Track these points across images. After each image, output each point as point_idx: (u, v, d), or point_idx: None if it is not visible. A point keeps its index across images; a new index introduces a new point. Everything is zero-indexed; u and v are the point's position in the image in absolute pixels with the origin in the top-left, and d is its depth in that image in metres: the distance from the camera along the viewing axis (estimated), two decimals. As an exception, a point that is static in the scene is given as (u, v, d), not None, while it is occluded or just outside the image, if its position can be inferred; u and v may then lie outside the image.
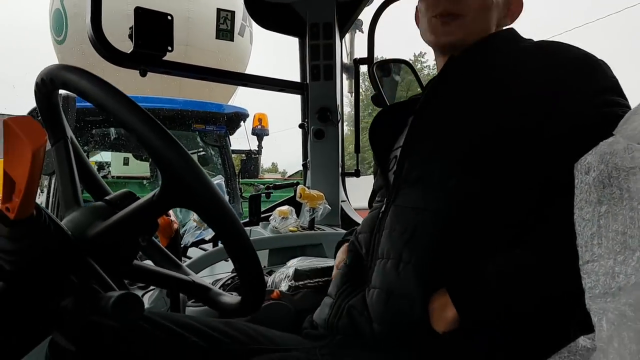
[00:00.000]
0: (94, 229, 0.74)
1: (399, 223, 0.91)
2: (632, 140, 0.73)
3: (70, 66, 0.73)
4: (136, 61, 1.51)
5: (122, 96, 0.67)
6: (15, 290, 0.65)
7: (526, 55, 0.94)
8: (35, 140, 0.55)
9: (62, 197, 0.80)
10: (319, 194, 1.78)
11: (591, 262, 0.72)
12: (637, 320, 0.65)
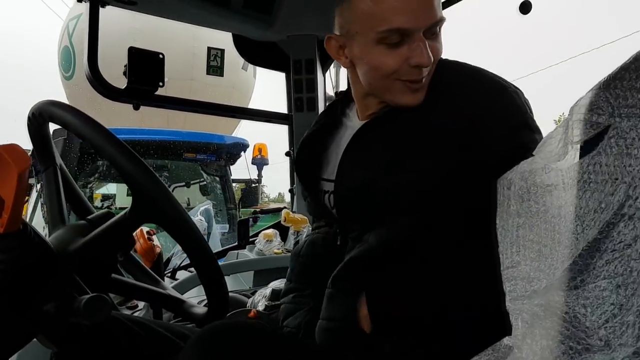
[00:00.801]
0: (75, 244, 0.84)
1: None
2: (548, 161, 0.82)
3: (57, 102, 0.84)
4: (129, 96, 1.63)
5: (100, 127, 0.78)
6: (4, 297, 0.75)
7: (446, 88, 0.95)
8: (21, 164, 0.66)
9: (49, 217, 0.91)
10: (303, 217, 1.87)
11: (511, 268, 0.80)
12: (546, 319, 0.73)
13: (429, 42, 0.91)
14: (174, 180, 5.49)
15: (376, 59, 0.92)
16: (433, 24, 0.90)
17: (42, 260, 0.77)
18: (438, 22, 0.91)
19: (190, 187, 5.46)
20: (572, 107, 0.78)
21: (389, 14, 0.88)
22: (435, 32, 0.92)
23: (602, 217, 0.70)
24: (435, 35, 0.92)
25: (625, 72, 0.70)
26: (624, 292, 0.65)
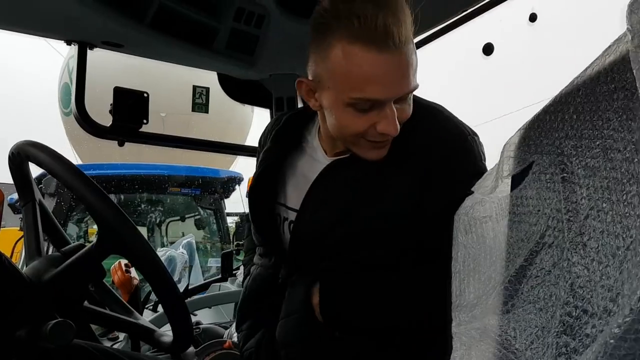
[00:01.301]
0: (48, 274, 0.90)
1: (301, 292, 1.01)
2: (484, 194, 0.89)
3: (34, 142, 0.91)
4: (114, 133, 1.71)
5: (69, 166, 0.85)
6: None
7: (409, 133, 0.98)
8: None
9: (27, 249, 0.97)
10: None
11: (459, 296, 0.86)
12: (482, 342, 0.78)
13: (399, 105, 0.93)
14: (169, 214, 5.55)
15: (344, 118, 0.94)
16: (407, 92, 0.92)
17: (15, 288, 0.83)
18: (412, 89, 0.92)
19: (185, 221, 5.50)
20: (504, 145, 0.85)
21: (363, 83, 0.88)
22: (406, 99, 0.94)
23: (528, 245, 0.76)
24: (405, 99, 0.94)
25: (546, 114, 0.77)
26: (545, 315, 0.71)
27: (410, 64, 0.89)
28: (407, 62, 0.88)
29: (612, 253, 0.62)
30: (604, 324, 0.58)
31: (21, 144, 0.93)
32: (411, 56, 0.89)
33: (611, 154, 0.65)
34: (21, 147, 0.93)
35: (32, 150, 0.89)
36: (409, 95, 0.95)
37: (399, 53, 0.87)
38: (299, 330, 0.99)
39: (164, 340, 1.01)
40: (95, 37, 1.69)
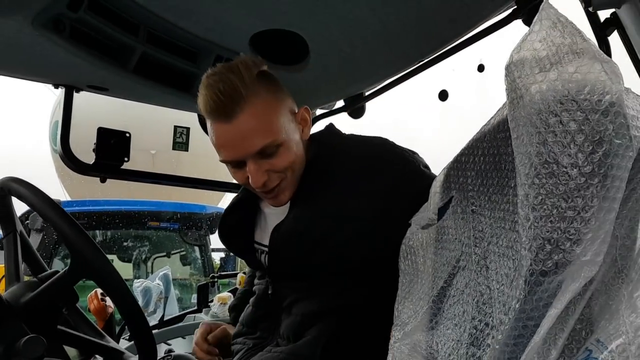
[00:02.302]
0: (25, 298, 0.98)
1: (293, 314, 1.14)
2: (418, 225, 1.00)
3: (16, 178, 1.01)
4: (97, 170, 1.82)
5: (46, 198, 0.95)
6: (-44, 341, 0.89)
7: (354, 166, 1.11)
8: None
9: (7, 275, 1.06)
10: (257, 282, 2.01)
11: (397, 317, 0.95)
12: (410, 356, 0.88)
13: (267, 160, 1.04)
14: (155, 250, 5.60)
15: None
16: (256, 152, 1.02)
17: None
18: (263, 148, 1.02)
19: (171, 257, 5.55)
20: (433, 182, 0.97)
21: (218, 148, 1.05)
22: (270, 153, 1.04)
23: (447, 269, 0.88)
24: (273, 154, 1.04)
25: (462, 156, 0.90)
26: (459, 329, 0.81)
27: (247, 129, 1.00)
28: (243, 128, 1.00)
29: (506, 273, 0.74)
30: (499, 334, 0.69)
31: (4, 179, 1.03)
32: (248, 122, 1.00)
33: (506, 189, 0.78)
34: (4, 182, 1.03)
35: (14, 185, 1.00)
36: (273, 149, 1.04)
37: (232, 123, 1.00)
38: None
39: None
40: (81, 81, 1.82)
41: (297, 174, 1.13)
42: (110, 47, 1.65)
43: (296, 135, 1.11)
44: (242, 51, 1.87)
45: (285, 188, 1.11)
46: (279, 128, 1.05)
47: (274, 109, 1.05)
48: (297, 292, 1.15)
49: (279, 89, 1.09)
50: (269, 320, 1.21)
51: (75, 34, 1.53)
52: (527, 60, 0.65)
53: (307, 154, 1.16)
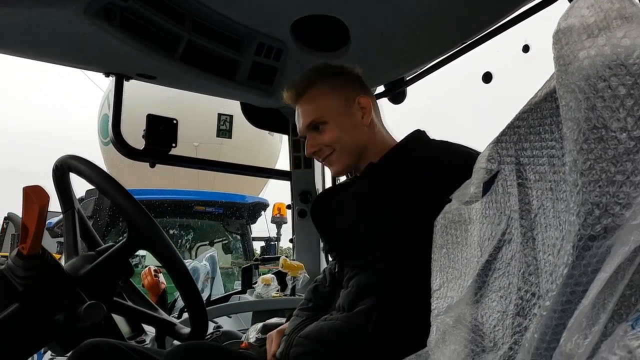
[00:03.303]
0: (84, 270, 1.04)
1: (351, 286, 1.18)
2: (460, 201, 1.00)
3: (75, 155, 1.07)
4: (146, 156, 1.88)
5: (104, 174, 1.00)
6: (24, 307, 0.95)
7: (431, 157, 1.23)
8: (41, 200, 0.88)
9: (66, 249, 1.12)
10: (299, 264, 2.05)
11: (436, 290, 0.97)
12: (455, 328, 0.89)
13: (317, 134, 1.31)
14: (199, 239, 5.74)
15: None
16: (306, 126, 1.32)
17: (55, 279, 0.98)
18: (309, 124, 1.31)
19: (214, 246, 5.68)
20: (477, 158, 0.97)
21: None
22: (318, 128, 1.31)
23: (493, 243, 0.88)
24: (320, 130, 1.31)
25: (508, 129, 0.90)
26: (505, 301, 0.82)
27: (303, 110, 1.33)
28: (302, 109, 1.34)
29: (553, 244, 0.74)
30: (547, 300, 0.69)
31: (64, 157, 1.09)
32: (304, 105, 1.34)
33: (554, 160, 0.77)
34: (64, 160, 1.09)
35: (73, 163, 1.06)
36: (319, 126, 1.31)
37: (297, 107, 1.36)
38: (332, 335, 1.13)
39: (182, 331, 1.14)
40: (131, 70, 1.88)
41: (347, 151, 1.31)
42: (158, 35, 1.71)
43: (349, 118, 1.31)
44: (284, 38, 1.90)
45: (334, 161, 1.32)
46: (325, 110, 1.31)
47: (325, 95, 1.32)
48: (354, 268, 1.20)
49: (337, 81, 1.34)
50: (329, 297, 1.28)
51: (125, 23, 1.59)
52: (574, 27, 0.64)
53: (374, 139, 1.33)
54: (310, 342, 1.16)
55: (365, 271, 1.16)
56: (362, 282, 1.16)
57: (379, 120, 1.38)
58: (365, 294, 1.14)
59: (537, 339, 0.67)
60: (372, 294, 1.13)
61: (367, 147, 1.32)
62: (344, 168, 1.34)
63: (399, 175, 1.21)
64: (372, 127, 1.34)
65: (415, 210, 1.14)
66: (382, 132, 1.37)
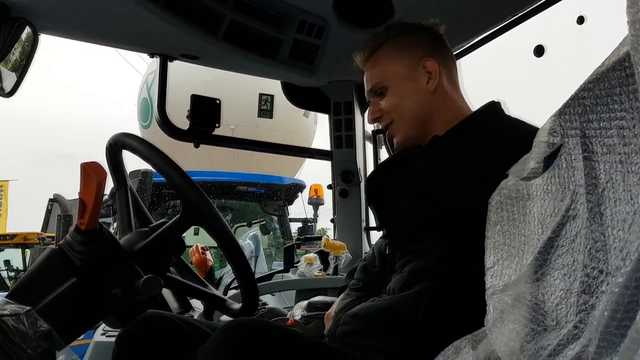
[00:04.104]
0: (138, 245, 1.06)
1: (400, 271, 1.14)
2: (518, 176, 0.97)
3: (128, 133, 1.09)
4: (191, 136, 1.90)
5: (157, 151, 1.01)
6: (82, 281, 0.98)
7: (501, 136, 1.11)
8: (99, 176, 0.90)
9: (120, 225, 1.14)
10: (341, 244, 2.05)
11: (490, 268, 0.94)
12: (514, 307, 0.87)
13: (379, 100, 1.22)
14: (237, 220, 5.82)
15: None
16: (368, 92, 1.24)
17: (113, 254, 1.00)
18: (371, 89, 1.23)
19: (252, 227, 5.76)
20: (537, 132, 0.94)
21: None
22: (379, 93, 1.22)
23: (555, 219, 0.85)
24: (382, 95, 1.21)
25: (572, 100, 0.86)
26: (569, 279, 0.79)
27: (368, 74, 1.24)
28: (367, 73, 1.24)
29: (624, 218, 0.70)
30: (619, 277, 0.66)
31: (117, 135, 1.11)
32: (370, 68, 1.24)
33: (624, 132, 0.73)
34: (117, 137, 1.10)
35: (127, 140, 1.07)
36: (381, 91, 1.21)
37: (365, 69, 1.25)
38: (380, 316, 1.10)
39: (233, 307, 1.16)
40: (175, 50, 1.90)
41: (407, 121, 1.20)
42: (201, 14, 1.71)
43: (411, 84, 1.20)
44: (326, 15, 1.87)
45: (395, 130, 1.22)
46: (386, 74, 1.21)
47: (388, 58, 1.22)
48: (408, 253, 1.14)
49: (403, 42, 1.23)
50: (379, 278, 1.24)
51: (169, 3, 1.60)
52: (654, -11, 0.60)
53: (442, 108, 1.20)
54: (357, 321, 1.15)
55: (419, 257, 1.11)
56: (415, 268, 1.10)
57: (453, 86, 1.23)
58: (418, 279, 1.09)
59: (607, 316, 0.65)
60: (424, 279, 1.09)
61: (432, 117, 1.19)
62: (405, 139, 1.22)
63: (464, 153, 1.12)
64: (440, 94, 1.20)
65: (479, 193, 1.06)
66: (454, 101, 1.22)
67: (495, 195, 0.99)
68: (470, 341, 0.97)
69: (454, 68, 1.26)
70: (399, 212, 1.17)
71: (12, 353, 0.83)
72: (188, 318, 1.23)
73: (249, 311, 1.12)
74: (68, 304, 0.96)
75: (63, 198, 5.46)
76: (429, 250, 1.11)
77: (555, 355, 0.80)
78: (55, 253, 0.97)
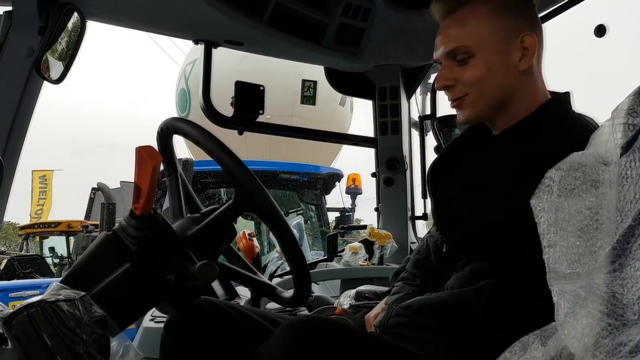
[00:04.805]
0: (191, 230, 1.05)
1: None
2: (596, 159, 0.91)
3: (180, 118, 1.07)
4: (235, 123, 1.89)
5: (211, 136, 0.99)
6: (136, 267, 0.96)
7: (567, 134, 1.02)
8: (154, 160, 0.88)
9: (172, 211, 1.13)
10: (387, 233, 2.00)
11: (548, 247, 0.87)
12: (587, 300, 0.81)
13: (457, 67, 1.05)
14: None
15: None
16: (446, 53, 1.05)
17: (166, 239, 0.98)
18: (450, 50, 1.05)
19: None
20: (613, 111, 0.87)
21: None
22: (460, 59, 1.04)
23: (637, 206, 0.79)
24: (463, 62, 1.04)
25: (656, 76, 0.79)
26: (653, 270, 0.73)
27: (452, 29, 1.05)
28: (446, 31, 1.06)
29: None
30: None
31: (169, 120, 1.10)
32: (455, 23, 1.05)
33: None
34: (169, 122, 1.09)
35: (179, 125, 1.06)
36: (464, 57, 1.04)
37: (443, 24, 1.08)
38: (436, 309, 1.06)
39: (284, 295, 1.14)
40: (219, 36, 1.88)
41: (485, 98, 1.06)
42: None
43: (503, 57, 1.05)
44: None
45: (467, 105, 1.07)
46: (476, 39, 1.04)
47: (482, 20, 1.04)
48: (469, 254, 1.08)
49: (505, 6, 1.06)
50: (435, 274, 1.17)
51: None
52: None
53: (525, 91, 1.08)
54: (411, 313, 1.11)
55: (481, 258, 1.05)
56: (477, 268, 1.05)
57: (539, 67, 1.09)
58: (479, 277, 1.03)
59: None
60: (485, 278, 1.03)
61: (512, 99, 1.06)
62: (475, 117, 1.09)
63: (536, 152, 1.00)
64: (527, 74, 1.06)
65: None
66: (536, 85, 1.09)
67: (564, 167, 0.91)
68: (539, 337, 0.91)
69: (543, 49, 1.11)
70: (461, 212, 1.09)
71: (66, 338, 0.83)
72: (236, 305, 1.22)
73: (301, 300, 1.09)
74: (122, 290, 0.95)
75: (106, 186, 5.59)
76: (493, 253, 1.04)
77: (639, 352, 0.74)
78: (109, 238, 0.96)
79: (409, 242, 2.18)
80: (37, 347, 0.81)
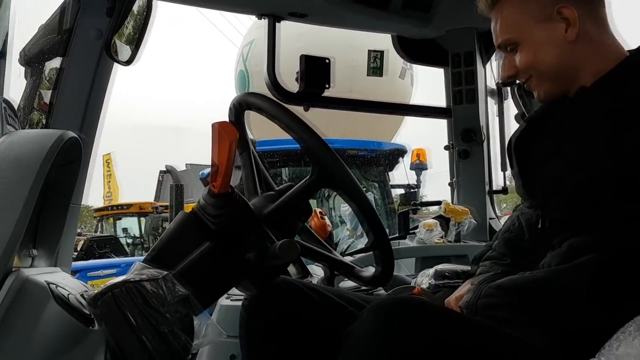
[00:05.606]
0: (267, 209, 1.01)
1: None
2: None
3: (253, 92, 1.03)
4: (301, 99, 1.84)
5: (287, 110, 0.95)
6: (217, 246, 0.94)
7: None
8: (231, 136, 0.84)
9: (246, 189, 1.10)
10: (464, 209, 1.91)
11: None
12: None
13: (514, 56, 1.07)
14: (336, 187, 5.80)
15: None
16: (498, 47, 1.09)
17: (245, 218, 0.95)
18: (500, 45, 1.08)
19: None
20: None
21: None
22: (512, 49, 1.06)
23: None
24: (515, 51, 1.06)
25: None
26: None
27: (495, 28, 1.07)
28: (494, 25, 1.08)
29: None
30: None
31: (242, 95, 1.06)
32: (496, 19, 1.06)
33: None
34: (242, 98, 1.05)
35: (253, 100, 1.02)
36: (513, 47, 1.06)
37: (492, 19, 1.08)
38: (531, 288, 0.99)
39: (364, 274, 1.09)
40: (283, 9, 1.83)
41: (547, 77, 1.07)
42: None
43: (546, 34, 1.05)
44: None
45: (535, 86, 1.09)
46: (514, 28, 1.06)
47: (515, 7, 1.06)
48: (565, 228, 1.00)
49: None
50: (527, 253, 1.10)
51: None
52: None
53: (589, 57, 1.04)
54: (503, 293, 1.03)
55: (581, 232, 0.98)
56: (576, 243, 0.97)
57: (601, 28, 1.06)
58: (581, 254, 0.96)
59: None
60: (587, 254, 0.95)
61: (576, 69, 1.05)
62: (548, 95, 1.09)
63: (615, 110, 0.97)
64: (583, 41, 1.04)
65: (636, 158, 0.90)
66: (602, 45, 1.05)
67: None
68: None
69: (601, 4, 1.07)
70: (548, 181, 1.04)
71: (151, 318, 0.82)
72: (313, 284, 1.19)
73: (384, 279, 1.04)
74: (204, 269, 0.93)
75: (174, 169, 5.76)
76: (590, 223, 0.96)
77: None
78: (189, 218, 0.95)
79: (488, 218, 2.07)
80: (123, 327, 0.80)
